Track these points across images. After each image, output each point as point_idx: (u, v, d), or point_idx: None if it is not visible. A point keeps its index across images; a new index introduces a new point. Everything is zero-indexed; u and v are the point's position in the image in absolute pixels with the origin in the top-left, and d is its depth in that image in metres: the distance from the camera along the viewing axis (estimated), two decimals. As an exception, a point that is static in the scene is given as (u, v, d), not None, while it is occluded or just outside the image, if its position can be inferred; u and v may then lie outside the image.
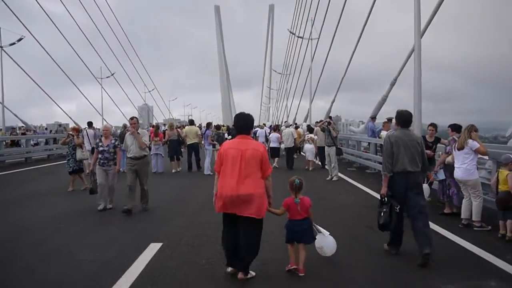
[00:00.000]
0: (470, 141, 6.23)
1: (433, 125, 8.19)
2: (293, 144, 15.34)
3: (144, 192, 7.80)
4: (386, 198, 5.00)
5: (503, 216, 5.81)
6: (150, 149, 11.91)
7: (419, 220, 4.82)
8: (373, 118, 15.77)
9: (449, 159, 6.92)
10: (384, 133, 10.80)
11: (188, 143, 14.17)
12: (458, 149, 6.35)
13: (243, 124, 4.37)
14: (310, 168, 14.54)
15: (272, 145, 15.43)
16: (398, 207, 4.87)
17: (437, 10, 12.37)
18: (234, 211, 4.10)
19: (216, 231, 5.04)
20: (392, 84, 16.66)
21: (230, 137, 15.53)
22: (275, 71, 59.85)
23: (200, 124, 26.63)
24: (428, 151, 6.61)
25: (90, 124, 14.87)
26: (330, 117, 18.58)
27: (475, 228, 6.27)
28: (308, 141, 15.15)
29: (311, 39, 34.02)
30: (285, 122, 27.54)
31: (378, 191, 5.96)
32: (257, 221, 4.15)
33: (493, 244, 5.50)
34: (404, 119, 5.15)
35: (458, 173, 6.36)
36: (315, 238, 4.56)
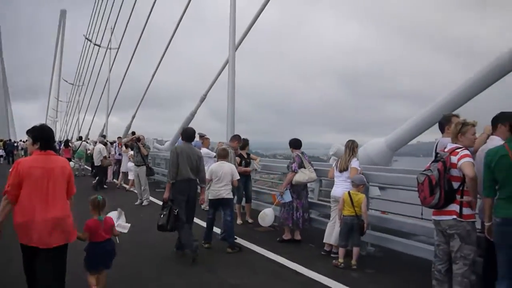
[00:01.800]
0: (354, 160, 5.64)
1: (244, 140, 7.94)
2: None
3: None
4: (168, 202, 5.56)
5: (349, 241, 5.21)
6: None
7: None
8: (202, 137, 14.50)
9: (297, 178, 6.09)
10: (204, 150, 9.61)
11: None
12: (341, 171, 5.69)
13: (48, 136, 3.74)
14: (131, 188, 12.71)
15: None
16: (177, 210, 5.44)
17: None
18: (44, 240, 3.42)
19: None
20: (202, 100, 16.38)
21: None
22: (66, 81, 53.42)
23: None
24: (245, 168, 7.09)
25: None
26: (134, 133, 16.72)
27: (332, 255, 5.55)
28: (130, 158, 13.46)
29: (110, 49, 31.95)
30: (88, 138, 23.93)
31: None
32: (65, 250, 3.64)
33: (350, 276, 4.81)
34: (188, 135, 6.03)
35: (337, 191, 5.66)
36: None
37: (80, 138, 19.93)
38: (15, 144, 32.99)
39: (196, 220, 6.33)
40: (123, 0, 29.46)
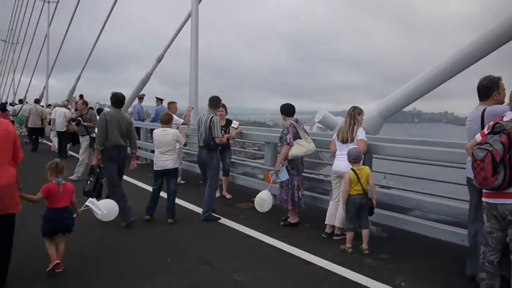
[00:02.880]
0: (360, 130, 4.91)
1: (224, 106, 6.97)
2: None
3: None
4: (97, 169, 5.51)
5: (357, 224, 4.57)
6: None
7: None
8: (141, 98, 13.05)
9: (294, 151, 5.27)
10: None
11: None
12: (343, 142, 4.93)
13: None
14: None
15: None
16: (104, 178, 5.49)
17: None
18: None
19: None
20: (159, 60, 14.97)
21: None
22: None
23: None
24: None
25: None
26: (81, 96, 15.14)
27: (335, 237, 4.92)
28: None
29: (49, 2, 28.95)
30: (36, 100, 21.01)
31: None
32: (12, 218, 3.43)
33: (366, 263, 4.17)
34: (118, 99, 5.69)
35: (341, 165, 4.87)
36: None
37: (20, 101, 17.69)
38: None
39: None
40: None
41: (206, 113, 5.95)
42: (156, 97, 12.06)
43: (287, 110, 5.58)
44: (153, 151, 10.95)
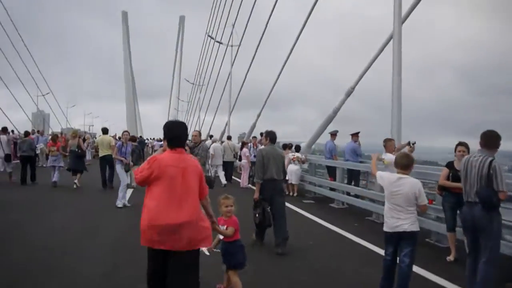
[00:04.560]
0: None
1: (465, 145, 5.66)
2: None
3: None
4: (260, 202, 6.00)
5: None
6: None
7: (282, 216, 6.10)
8: (333, 135, 12.07)
9: None
10: (389, 156, 7.21)
11: (100, 155, 12.95)
12: None
13: (180, 133, 3.50)
14: (295, 194, 12.01)
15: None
16: (269, 207, 5.95)
17: None
18: (169, 244, 3.22)
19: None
20: (349, 94, 13.83)
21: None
22: (187, 81, 55.35)
23: (115, 135, 25.19)
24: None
25: (4, 129, 14.75)
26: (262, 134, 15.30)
27: None
28: (294, 161, 12.36)
29: (232, 46, 31.57)
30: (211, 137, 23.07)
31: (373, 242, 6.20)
32: (196, 256, 3.40)
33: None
34: (272, 137, 6.34)
35: None
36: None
37: (211, 137, 18.91)
38: (146, 142, 34.43)
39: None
40: None
41: (478, 154, 4.35)
42: (352, 134, 10.99)
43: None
44: (349, 194, 9.88)
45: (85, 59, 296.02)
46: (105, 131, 13.40)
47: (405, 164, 4.26)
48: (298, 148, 13.16)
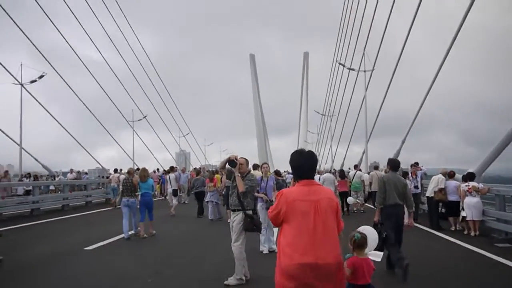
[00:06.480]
0: None
1: None
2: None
3: None
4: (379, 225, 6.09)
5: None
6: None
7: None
8: None
9: None
10: None
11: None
12: None
13: (309, 164, 3.17)
14: (477, 233, 10.07)
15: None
16: (385, 233, 5.88)
17: None
18: None
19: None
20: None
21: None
22: (317, 112, 54.94)
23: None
24: None
25: (172, 168, 18.54)
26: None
27: None
28: (470, 192, 10.35)
29: (365, 71, 30.23)
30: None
31: None
32: None
33: None
34: (394, 165, 6.70)
35: None
36: None
37: (355, 167, 17.41)
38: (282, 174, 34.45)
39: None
40: (372, 24, 27.08)
41: None
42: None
43: None
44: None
45: (218, 100, 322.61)
46: (255, 166, 11.54)
47: None
48: (472, 176, 10.88)
